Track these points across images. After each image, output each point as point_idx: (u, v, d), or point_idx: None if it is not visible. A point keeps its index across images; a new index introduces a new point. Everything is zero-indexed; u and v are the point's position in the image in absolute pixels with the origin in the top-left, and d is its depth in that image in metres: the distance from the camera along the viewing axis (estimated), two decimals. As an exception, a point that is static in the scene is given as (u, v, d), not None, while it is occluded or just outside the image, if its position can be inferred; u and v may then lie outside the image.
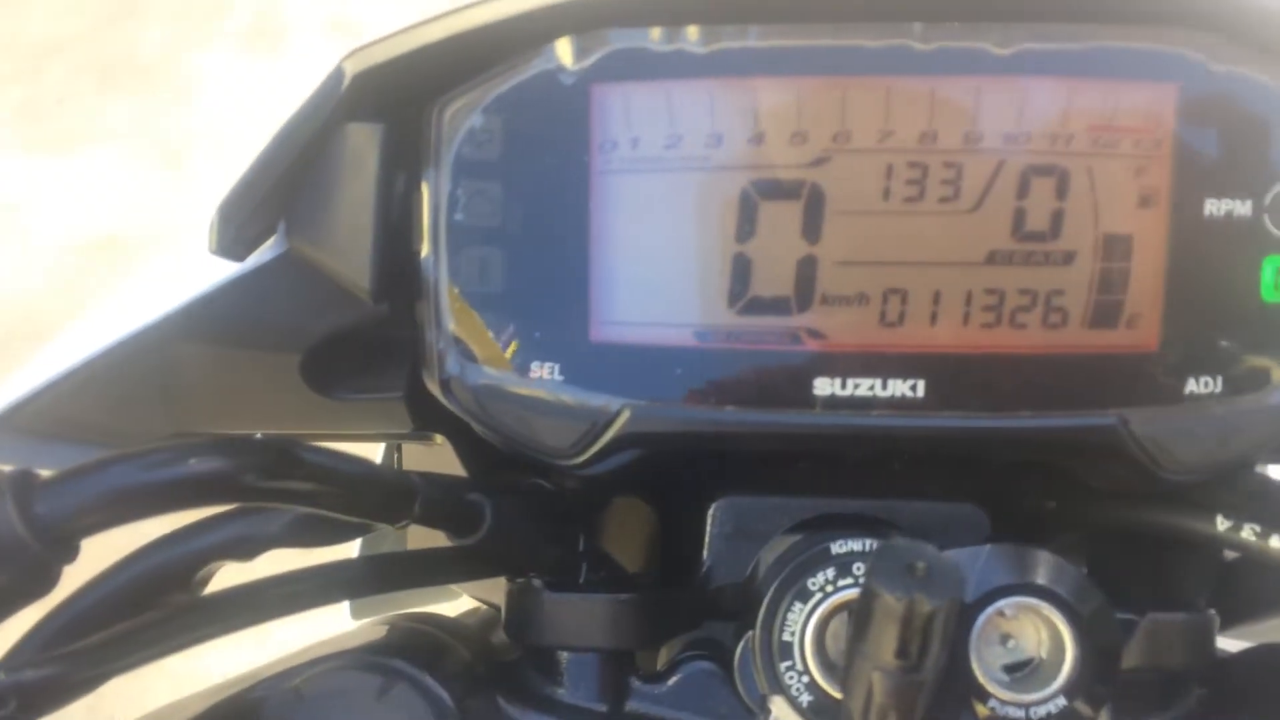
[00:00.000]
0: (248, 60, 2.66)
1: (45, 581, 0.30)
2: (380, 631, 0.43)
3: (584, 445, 0.41)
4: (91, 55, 2.71)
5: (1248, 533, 0.42)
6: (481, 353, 0.41)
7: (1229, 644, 0.49)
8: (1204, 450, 0.40)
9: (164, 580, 0.37)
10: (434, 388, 0.42)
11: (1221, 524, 0.43)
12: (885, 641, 0.31)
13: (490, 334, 0.41)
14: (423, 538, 0.73)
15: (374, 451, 0.77)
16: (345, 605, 0.94)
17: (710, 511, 0.45)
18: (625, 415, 0.41)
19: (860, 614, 0.32)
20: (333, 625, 0.50)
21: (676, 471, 0.47)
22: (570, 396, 0.41)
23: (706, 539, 0.45)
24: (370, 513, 0.36)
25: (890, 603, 0.31)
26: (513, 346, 0.41)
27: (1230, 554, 0.50)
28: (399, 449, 0.73)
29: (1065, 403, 0.40)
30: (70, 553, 0.30)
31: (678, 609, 0.45)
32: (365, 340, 0.45)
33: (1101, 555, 0.47)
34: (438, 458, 0.51)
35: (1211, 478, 0.41)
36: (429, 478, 0.39)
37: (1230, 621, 0.49)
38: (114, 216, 2.42)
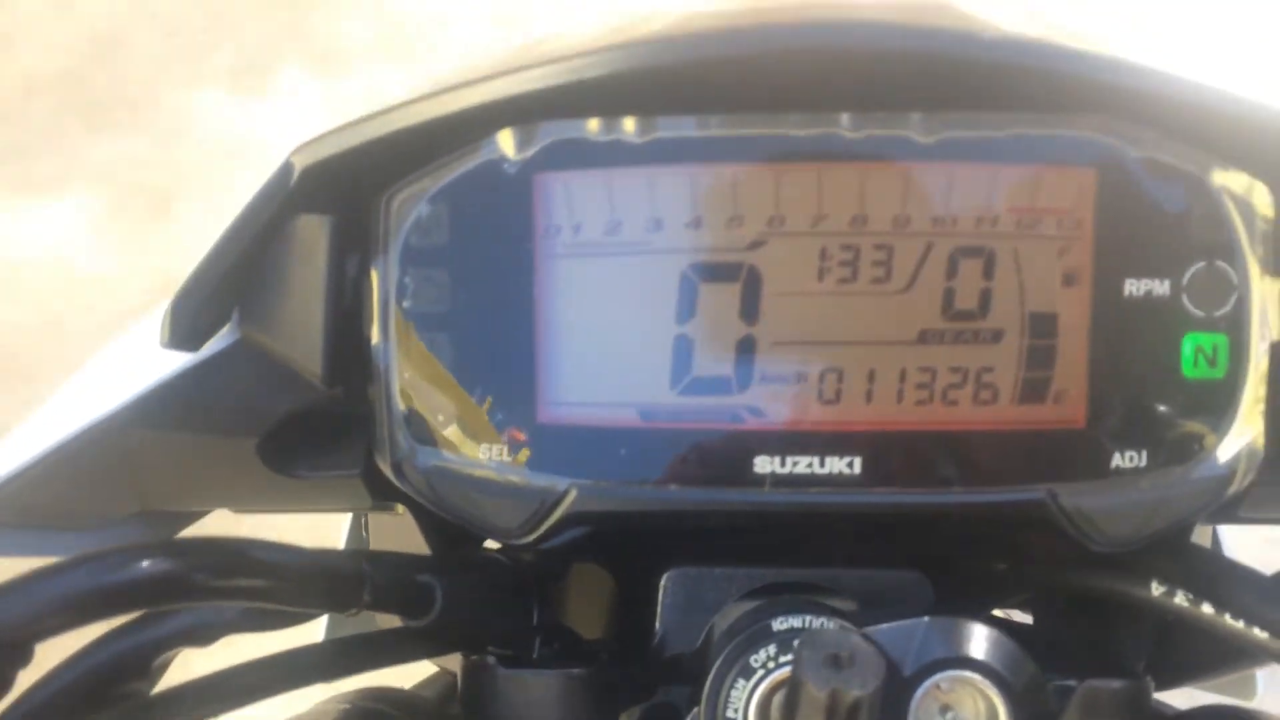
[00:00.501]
0: (235, 98, 2.68)
1: (1, 686, 0.31)
2: (336, 711, 0.44)
3: (533, 525, 0.43)
4: (77, 94, 2.73)
5: (1181, 598, 0.43)
6: (431, 435, 0.43)
7: (1171, 697, 0.50)
8: (1132, 523, 0.41)
9: (122, 670, 0.38)
10: (386, 469, 0.43)
11: (1156, 589, 0.44)
12: None
13: (439, 416, 0.43)
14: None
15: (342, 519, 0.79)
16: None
17: (661, 582, 0.47)
18: (572, 495, 0.42)
19: (789, 702, 0.33)
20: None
21: (630, 543, 0.48)
22: (518, 477, 0.42)
23: (659, 609, 0.47)
24: (321, 604, 0.37)
25: (814, 693, 0.32)
26: (461, 429, 0.43)
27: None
28: (365, 518, 0.74)
29: (996, 478, 0.42)
30: (25, 657, 0.31)
31: (632, 680, 0.46)
32: (322, 420, 0.46)
33: (1044, 617, 0.48)
34: (404, 523, 0.52)
35: (1142, 548, 0.42)
36: (379, 561, 0.40)
37: (1169, 681, 0.50)
38: (102, 257, 2.43)
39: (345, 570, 0.38)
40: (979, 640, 0.41)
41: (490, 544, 0.49)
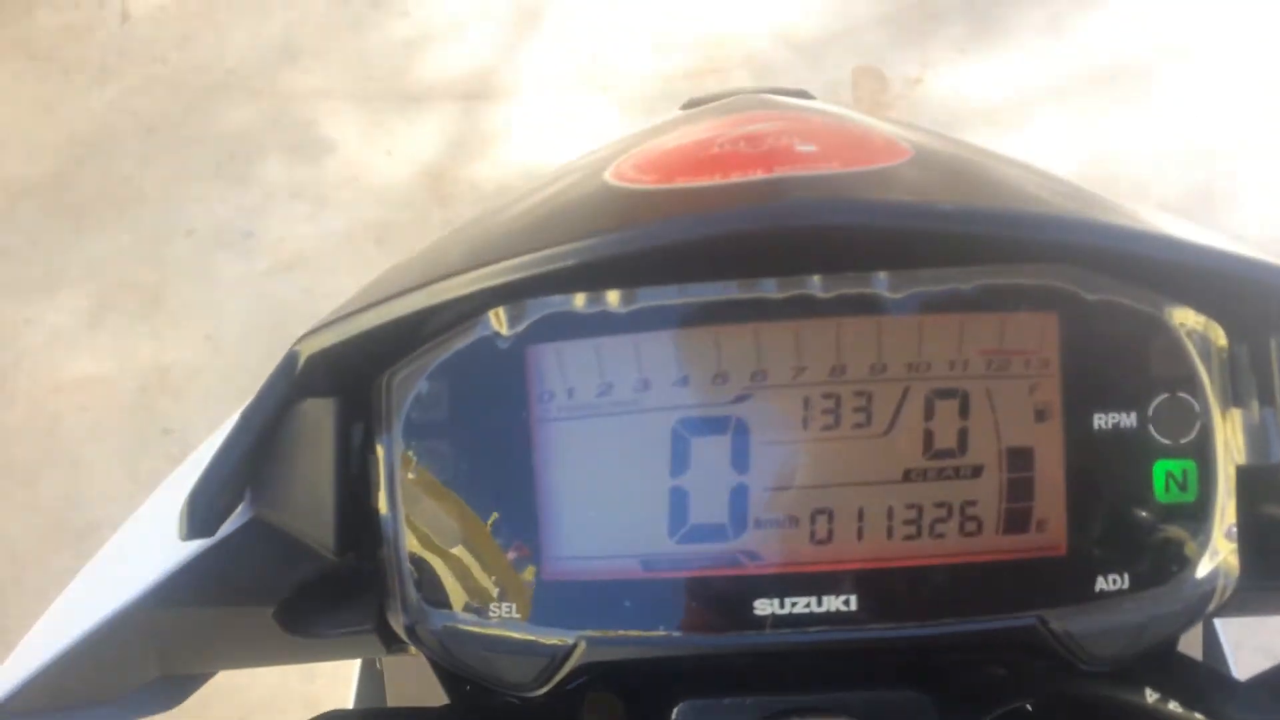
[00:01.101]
0: (218, 189, 2.71)
1: None
2: None
3: (545, 678, 0.44)
4: (62, 196, 2.76)
5: (1175, 706, 0.45)
6: (442, 596, 0.44)
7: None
8: (1119, 643, 0.43)
9: None
10: (399, 631, 0.45)
11: (1150, 696, 0.46)
12: None
13: (450, 579, 0.44)
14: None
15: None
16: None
17: (673, 716, 0.48)
18: (581, 647, 0.44)
19: None
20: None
21: (641, 680, 0.50)
22: (528, 634, 0.44)
23: None
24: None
25: None
26: (470, 590, 0.44)
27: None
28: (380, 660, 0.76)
29: (987, 607, 0.44)
30: None
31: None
32: (334, 581, 0.48)
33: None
34: (419, 664, 0.54)
35: (1130, 665, 0.44)
36: None
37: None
38: (93, 355, 2.45)
39: None
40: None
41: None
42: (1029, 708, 0.54)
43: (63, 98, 2.92)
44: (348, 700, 0.81)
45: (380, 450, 0.44)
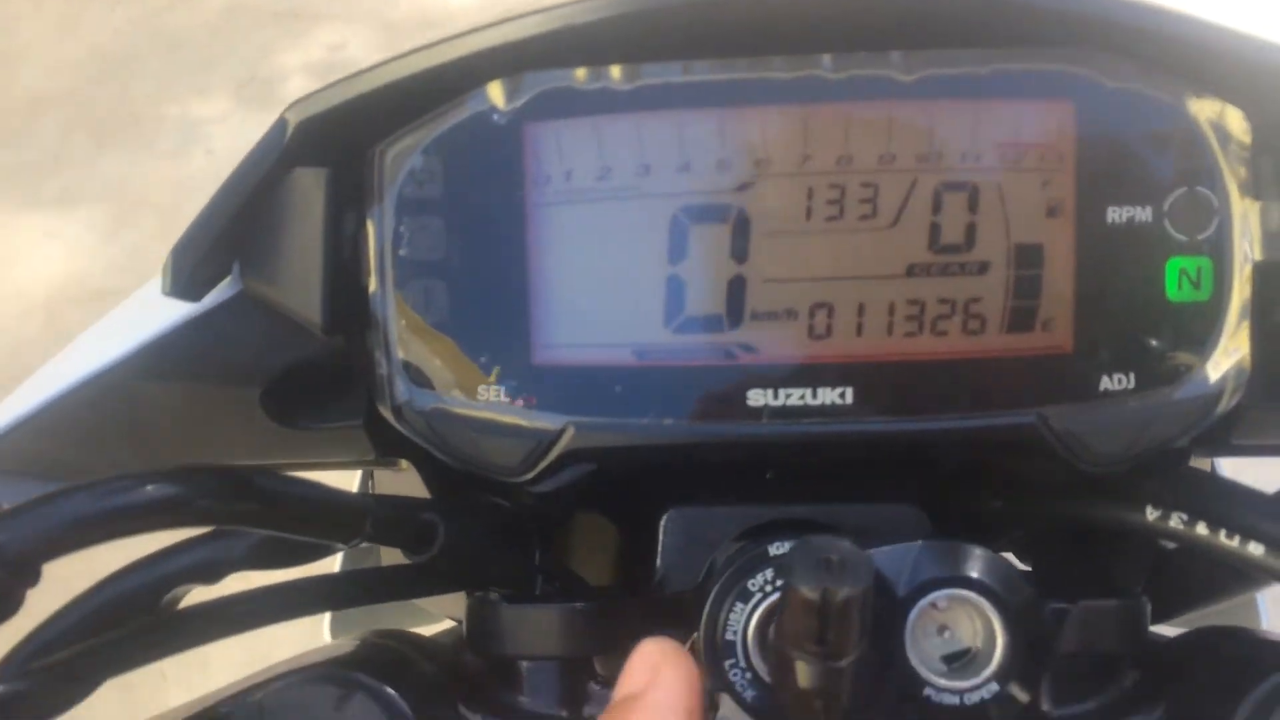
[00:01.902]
0: (240, 110, 2.70)
1: (10, 604, 0.32)
2: (347, 647, 0.44)
3: (531, 462, 0.43)
4: (84, 112, 2.76)
5: (1175, 521, 0.44)
6: (430, 379, 0.44)
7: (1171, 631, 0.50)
8: (1119, 443, 0.42)
9: (131, 605, 0.39)
10: (387, 413, 0.44)
11: (1151, 514, 0.45)
12: (805, 631, 0.33)
13: (437, 361, 0.43)
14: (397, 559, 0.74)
15: (350, 478, 0.80)
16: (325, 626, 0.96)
17: (661, 523, 0.47)
18: (569, 433, 0.43)
19: (782, 608, 0.34)
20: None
21: (630, 487, 0.49)
22: (516, 417, 0.43)
23: (659, 549, 0.47)
24: (323, 532, 0.38)
25: (805, 594, 0.32)
26: (459, 371, 0.43)
27: (1166, 545, 0.52)
28: (371, 474, 0.75)
29: (986, 403, 0.42)
30: (33, 577, 0.32)
31: (633, 616, 0.46)
32: (324, 371, 0.47)
33: (1043, 549, 0.49)
34: (408, 482, 0.53)
35: (1130, 468, 0.43)
36: (382, 499, 0.41)
37: (1167, 612, 0.51)
38: (111, 271, 2.46)
39: (348, 502, 0.39)
40: (975, 561, 0.42)
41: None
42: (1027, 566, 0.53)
43: (86, 14, 2.91)
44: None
45: (371, 226, 0.43)
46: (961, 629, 0.43)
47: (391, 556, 0.76)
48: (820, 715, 0.35)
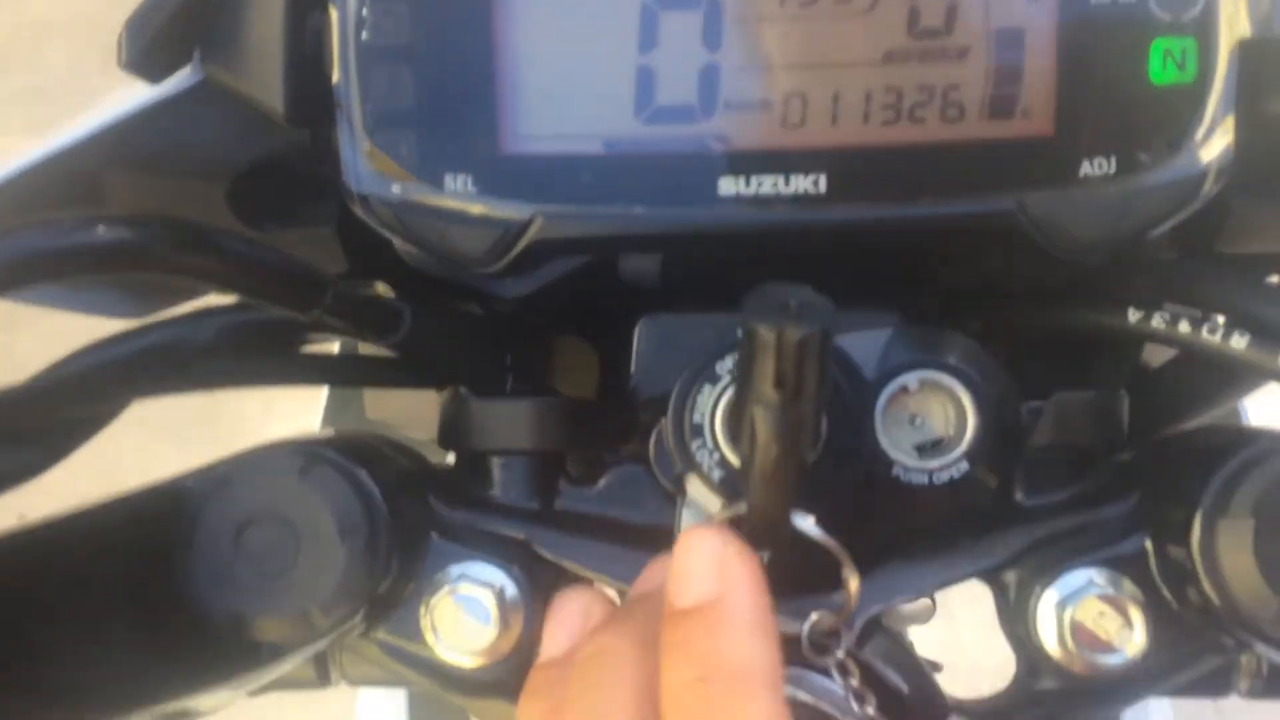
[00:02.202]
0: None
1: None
2: (321, 435, 0.44)
3: (499, 252, 0.43)
4: (93, 38, 2.74)
5: (1157, 321, 0.43)
6: (396, 169, 0.43)
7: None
8: (1098, 229, 0.41)
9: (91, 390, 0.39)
10: (354, 206, 0.44)
11: (1133, 315, 0.44)
12: (763, 375, 0.32)
13: (403, 149, 0.43)
14: (382, 404, 0.74)
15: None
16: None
17: (635, 331, 0.47)
18: (537, 222, 0.42)
19: (741, 357, 0.33)
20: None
21: (604, 301, 0.48)
22: (483, 206, 0.43)
23: (633, 357, 0.47)
24: (281, 298, 0.38)
25: (764, 335, 0.32)
26: (426, 160, 0.43)
27: (1149, 360, 0.51)
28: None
29: (964, 189, 0.41)
30: None
31: (604, 416, 0.46)
32: (294, 177, 0.46)
33: (1021, 354, 0.48)
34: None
35: (1110, 265, 0.42)
36: (345, 279, 0.40)
37: (1152, 427, 0.50)
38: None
39: (311, 271, 0.39)
40: (950, 344, 0.41)
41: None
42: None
43: (93, -60, 2.88)
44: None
45: (334, 10, 0.42)
46: (933, 418, 0.43)
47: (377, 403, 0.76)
48: (781, 471, 0.34)
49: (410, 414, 0.71)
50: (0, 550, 0.36)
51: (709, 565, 0.28)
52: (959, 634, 1.12)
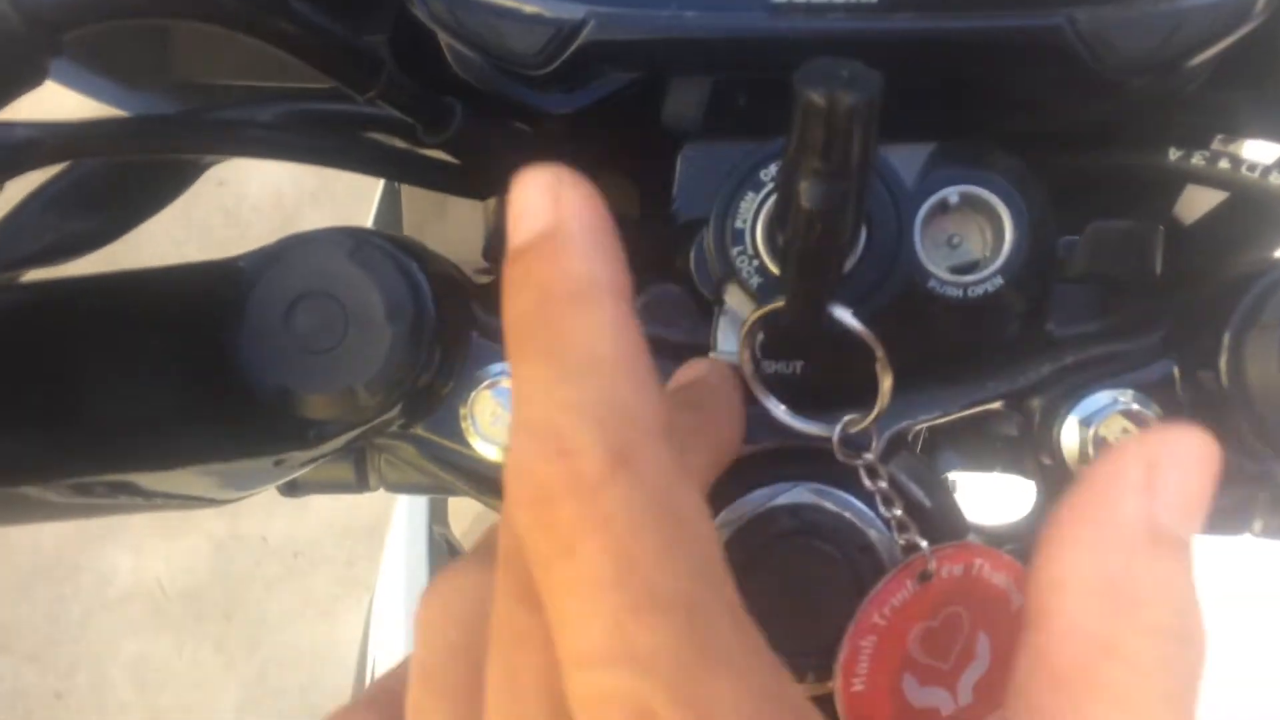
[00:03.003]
0: None
1: (36, 73, 0.33)
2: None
3: (552, 53, 0.43)
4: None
5: (1198, 159, 0.44)
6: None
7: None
8: (1147, 44, 0.41)
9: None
10: (409, 3, 0.44)
11: (1173, 154, 0.44)
12: (811, 143, 0.33)
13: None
14: (423, 232, 0.75)
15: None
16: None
17: (679, 156, 0.47)
18: (590, 23, 0.43)
19: (792, 125, 0.34)
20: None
21: (647, 140, 0.49)
22: (538, 5, 0.43)
23: (676, 181, 0.47)
24: (341, 71, 0.39)
25: (815, 101, 0.32)
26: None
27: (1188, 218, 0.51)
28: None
29: (1016, 2, 0.42)
30: (57, 46, 0.33)
31: (646, 233, 0.47)
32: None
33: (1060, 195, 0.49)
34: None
35: (1153, 81, 0.42)
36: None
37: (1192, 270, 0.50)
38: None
39: (368, 49, 0.39)
40: (994, 161, 0.42)
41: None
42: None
43: None
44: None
45: None
46: (972, 240, 0.43)
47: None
48: (822, 256, 0.35)
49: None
50: (52, 292, 0.37)
51: (543, 198, 0.26)
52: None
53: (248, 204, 2.55)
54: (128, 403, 0.38)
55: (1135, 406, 0.42)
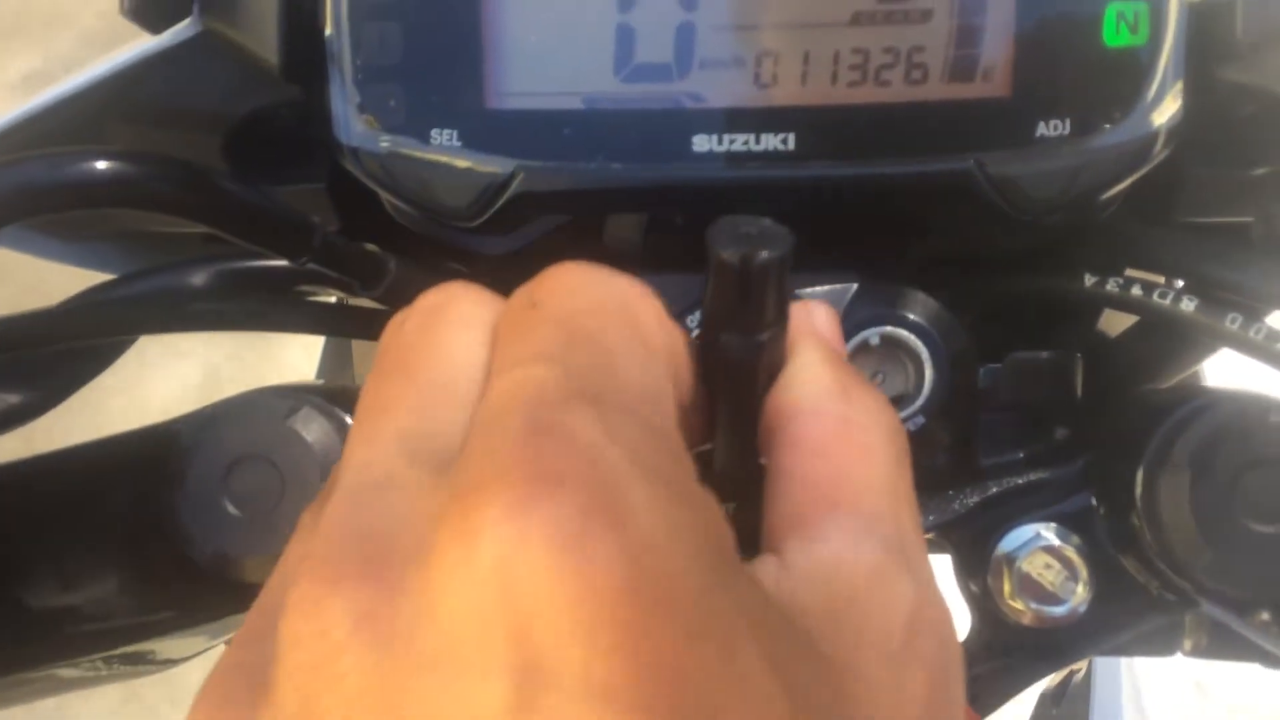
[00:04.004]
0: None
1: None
2: (312, 382, 0.46)
3: (482, 206, 0.45)
4: (100, 26, 2.76)
5: (1111, 286, 0.45)
6: (384, 122, 0.45)
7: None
8: (1054, 188, 0.43)
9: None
10: (344, 159, 0.45)
11: (1088, 280, 0.45)
12: (727, 298, 0.34)
13: (391, 103, 0.45)
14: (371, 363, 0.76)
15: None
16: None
17: None
18: (519, 176, 0.44)
19: (707, 281, 0.35)
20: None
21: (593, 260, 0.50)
22: (468, 160, 0.44)
23: None
24: (273, 242, 0.40)
25: (727, 260, 0.33)
26: (413, 115, 0.44)
27: (1110, 331, 0.53)
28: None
29: (925, 149, 0.43)
30: None
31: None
32: (288, 132, 0.48)
33: (979, 322, 0.50)
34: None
35: (1066, 232, 0.43)
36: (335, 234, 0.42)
37: (1111, 392, 0.51)
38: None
39: (301, 218, 0.40)
40: (911, 302, 0.43)
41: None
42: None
43: (101, -75, 2.90)
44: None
45: (328, -31, 0.44)
46: (894, 376, 0.44)
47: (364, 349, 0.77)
48: (748, 407, 0.36)
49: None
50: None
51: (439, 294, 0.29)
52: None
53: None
54: (68, 580, 0.38)
55: (1056, 542, 0.43)
